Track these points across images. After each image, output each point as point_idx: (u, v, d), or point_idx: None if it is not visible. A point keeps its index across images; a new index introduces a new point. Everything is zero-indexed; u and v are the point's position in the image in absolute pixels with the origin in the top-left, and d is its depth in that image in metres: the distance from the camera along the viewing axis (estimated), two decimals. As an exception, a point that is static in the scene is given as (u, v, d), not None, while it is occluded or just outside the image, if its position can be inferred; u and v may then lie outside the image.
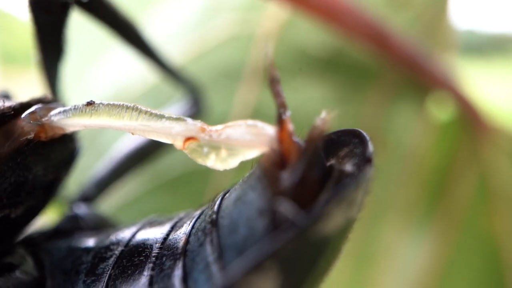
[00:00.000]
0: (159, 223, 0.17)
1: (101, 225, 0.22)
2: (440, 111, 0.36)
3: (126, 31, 0.23)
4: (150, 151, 0.26)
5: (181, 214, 0.17)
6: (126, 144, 0.26)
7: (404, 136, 0.35)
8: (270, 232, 0.12)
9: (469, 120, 0.35)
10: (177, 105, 0.28)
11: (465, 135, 0.35)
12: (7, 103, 0.17)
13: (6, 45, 0.53)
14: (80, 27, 0.24)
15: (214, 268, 0.13)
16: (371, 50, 0.32)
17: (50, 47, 0.20)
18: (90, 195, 0.24)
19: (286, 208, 0.12)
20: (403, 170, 0.36)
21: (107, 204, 0.29)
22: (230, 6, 0.34)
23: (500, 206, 0.35)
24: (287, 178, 0.13)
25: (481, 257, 0.35)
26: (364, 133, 0.14)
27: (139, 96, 0.34)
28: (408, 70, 0.34)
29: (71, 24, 0.20)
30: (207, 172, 0.32)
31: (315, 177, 0.13)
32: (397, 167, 0.35)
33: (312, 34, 0.33)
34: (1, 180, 0.16)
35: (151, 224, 0.17)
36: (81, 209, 0.22)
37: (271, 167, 0.13)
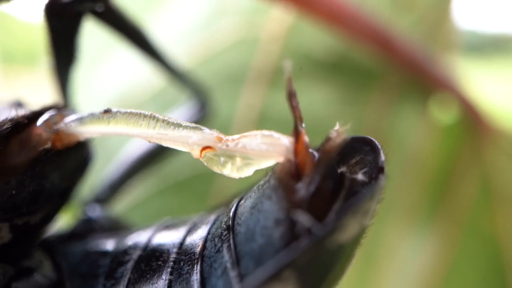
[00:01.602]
0: (174, 227, 0.18)
1: (114, 227, 0.22)
2: (443, 113, 0.36)
3: (135, 36, 0.23)
4: (159, 153, 0.26)
5: (195, 218, 0.18)
6: (136, 147, 0.27)
7: (407, 137, 0.36)
8: (287, 242, 0.13)
9: (472, 122, 0.35)
10: (183, 109, 0.29)
11: (467, 137, 0.35)
12: (20, 112, 0.17)
13: (6, 45, 0.53)
14: (85, 30, 0.25)
15: (232, 274, 0.13)
16: (374, 52, 0.32)
17: (63, 54, 0.21)
18: (104, 197, 0.24)
19: (303, 219, 0.12)
20: (406, 171, 0.36)
21: (117, 205, 0.29)
22: (235, 9, 0.34)
23: (503, 207, 0.35)
24: (302, 189, 0.13)
25: (484, 258, 0.35)
26: (376, 141, 0.14)
27: (146, 99, 0.34)
28: (411, 72, 0.34)
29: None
30: (212, 175, 0.32)
31: (329, 188, 0.13)
32: (400, 169, 0.35)
33: (316, 37, 0.33)
34: (20, 189, 0.16)
35: (166, 228, 0.18)
36: (95, 211, 0.23)
37: (286, 178, 0.13)
